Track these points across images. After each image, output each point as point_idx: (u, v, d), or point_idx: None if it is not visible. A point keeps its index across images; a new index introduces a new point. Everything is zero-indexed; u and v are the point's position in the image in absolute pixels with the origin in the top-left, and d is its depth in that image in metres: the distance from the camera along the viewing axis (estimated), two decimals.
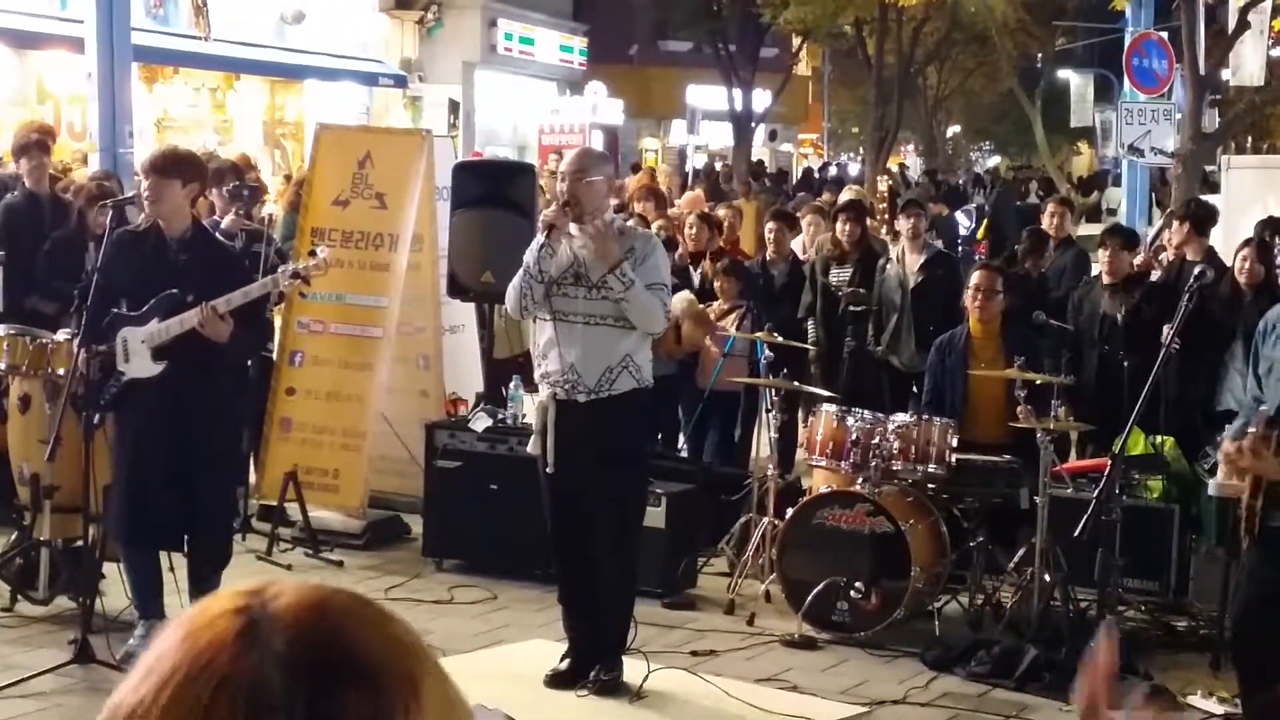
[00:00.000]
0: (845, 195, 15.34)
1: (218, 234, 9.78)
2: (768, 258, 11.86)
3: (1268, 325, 6.33)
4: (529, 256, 7.17)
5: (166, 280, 7.30)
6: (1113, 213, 26.46)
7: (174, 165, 7.41)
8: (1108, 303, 9.87)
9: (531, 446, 7.34)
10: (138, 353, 7.28)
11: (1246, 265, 9.73)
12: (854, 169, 42.87)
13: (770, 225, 12.06)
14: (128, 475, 7.36)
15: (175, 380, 7.26)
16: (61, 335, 8.27)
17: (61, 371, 7.83)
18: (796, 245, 12.75)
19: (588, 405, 7.09)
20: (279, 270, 7.80)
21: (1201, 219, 10.78)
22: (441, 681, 1.22)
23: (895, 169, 37.60)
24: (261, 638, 1.16)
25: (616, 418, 7.11)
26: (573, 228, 7.16)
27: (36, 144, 11.44)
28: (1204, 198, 13.49)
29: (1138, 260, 10.51)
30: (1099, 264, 10.34)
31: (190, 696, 1.14)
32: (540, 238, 7.19)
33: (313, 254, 7.77)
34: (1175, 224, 10.89)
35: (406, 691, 1.18)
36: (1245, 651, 6.50)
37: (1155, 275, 11.39)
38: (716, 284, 10.87)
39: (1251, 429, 5.99)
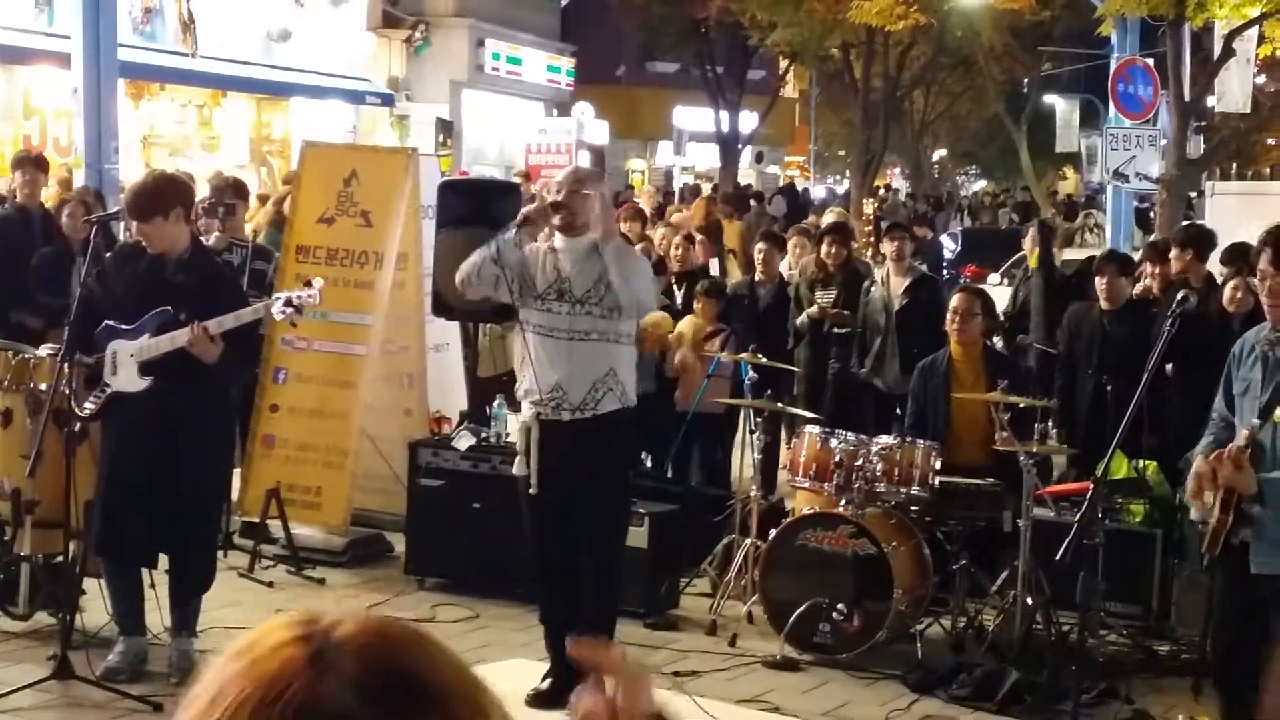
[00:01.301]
0: (829, 218, 15.36)
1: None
2: (756, 279, 11.88)
3: (1244, 348, 6.34)
4: (494, 240, 7.16)
5: (160, 297, 7.27)
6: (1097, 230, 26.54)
7: (152, 204, 7.29)
8: (1113, 329, 9.85)
9: (517, 468, 7.32)
10: (125, 366, 7.26)
11: (1238, 295, 9.72)
12: (820, 191, 42.96)
13: (760, 246, 12.09)
14: (106, 489, 7.33)
15: (161, 398, 7.23)
16: (44, 350, 8.25)
17: (44, 386, 7.80)
18: (782, 267, 12.78)
19: (572, 425, 7.08)
20: (274, 298, 7.77)
21: (1204, 245, 10.78)
22: (503, 711, 1.23)
23: (885, 191, 37.64)
24: (332, 664, 1.17)
25: (601, 438, 7.11)
26: (558, 241, 7.17)
27: (33, 160, 11.46)
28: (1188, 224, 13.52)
29: (1137, 289, 10.46)
30: (1099, 290, 10.31)
31: None
32: (512, 225, 7.17)
33: (308, 284, 7.72)
34: (1176, 250, 10.83)
35: (476, 715, 1.19)
36: (1224, 669, 6.50)
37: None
38: (697, 305, 10.88)
39: (1239, 440, 6.00)
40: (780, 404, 9.64)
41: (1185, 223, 12.07)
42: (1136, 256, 12.10)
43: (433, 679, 1.19)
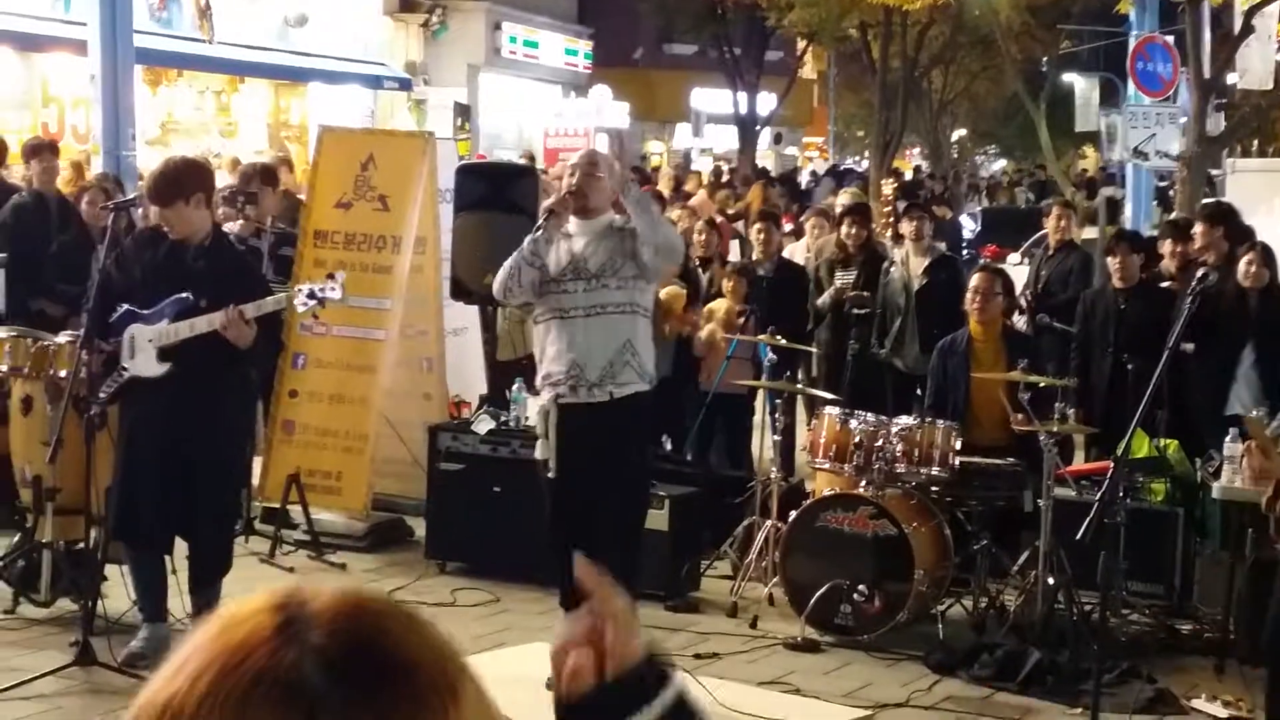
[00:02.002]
0: (844, 198, 15.29)
1: (233, 238, 9.81)
2: (754, 257, 11.85)
3: None
4: (527, 241, 7.18)
5: (180, 282, 7.27)
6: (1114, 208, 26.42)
7: (173, 189, 7.28)
8: (1129, 307, 9.83)
9: (538, 451, 7.32)
10: (143, 350, 7.26)
11: (1252, 270, 9.66)
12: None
13: (757, 225, 12.05)
14: (123, 474, 7.35)
15: (180, 384, 7.23)
16: (63, 338, 8.27)
17: (63, 374, 7.82)
18: (800, 249, 12.75)
19: (590, 408, 7.07)
20: (297, 289, 7.76)
21: (1231, 222, 10.69)
22: (478, 687, 1.21)
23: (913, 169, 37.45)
24: (300, 634, 1.15)
25: (620, 421, 7.10)
26: (572, 224, 7.17)
27: (49, 146, 11.48)
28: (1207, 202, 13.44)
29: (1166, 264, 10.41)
30: (1111, 270, 10.26)
31: (225, 689, 1.13)
32: (539, 224, 7.20)
33: (331, 276, 7.71)
34: (1204, 225, 10.73)
35: (446, 692, 1.17)
36: (1274, 652, 6.44)
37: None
38: (726, 285, 10.85)
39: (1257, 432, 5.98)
40: (799, 385, 9.62)
41: (1209, 199, 11.96)
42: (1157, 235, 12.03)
43: (401, 653, 1.16)
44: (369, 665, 1.14)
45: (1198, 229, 10.70)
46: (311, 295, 7.56)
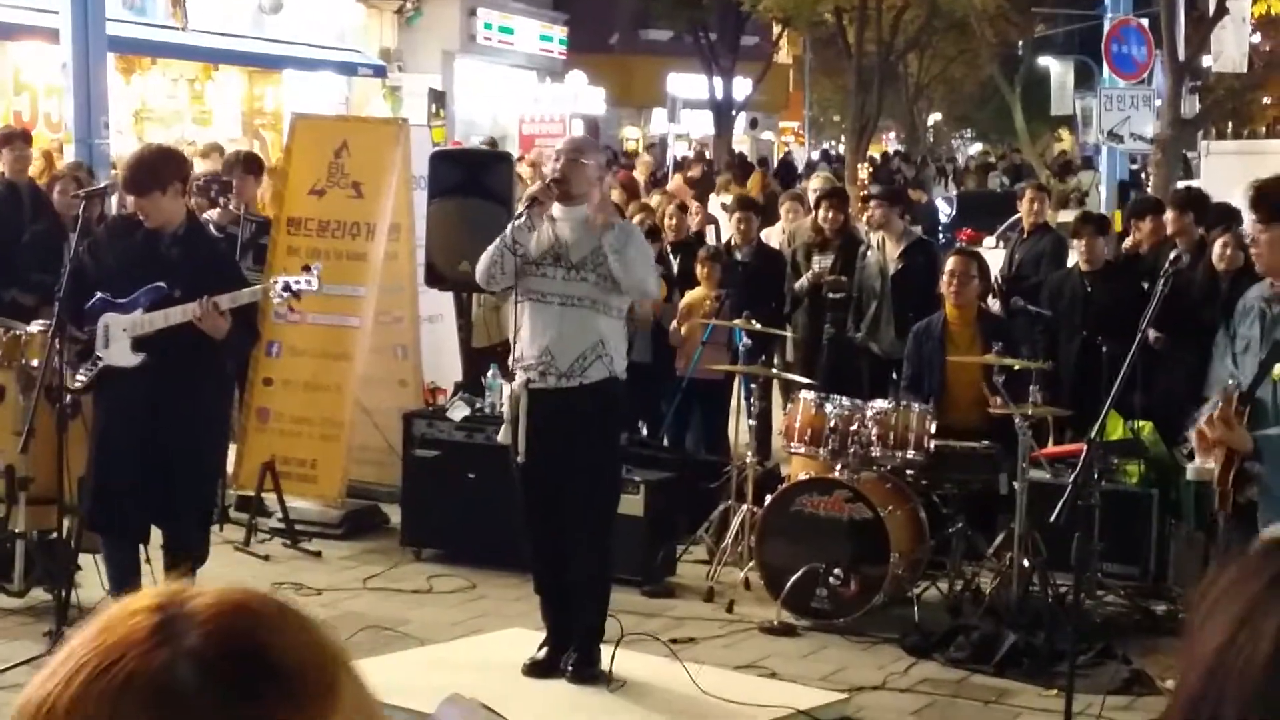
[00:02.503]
0: (816, 181, 15.26)
1: (211, 227, 9.80)
2: (733, 243, 11.84)
3: (1245, 305, 6.35)
4: (507, 228, 7.16)
5: (155, 272, 7.23)
6: (1085, 195, 26.49)
7: (149, 178, 7.25)
8: (1095, 289, 9.89)
9: (502, 435, 7.32)
10: (118, 340, 7.22)
11: (1227, 252, 9.69)
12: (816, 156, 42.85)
13: (737, 214, 12.04)
14: (97, 464, 7.32)
15: (155, 374, 7.19)
16: (35, 327, 8.23)
17: (35, 363, 7.79)
18: (775, 232, 12.74)
19: (559, 393, 7.05)
20: (273, 281, 7.73)
21: (1202, 208, 10.77)
22: (359, 688, 1.20)
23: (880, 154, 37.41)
24: (175, 635, 1.14)
25: (589, 406, 7.08)
26: (556, 209, 7.15)
27: (21, 135, 11.43)
28: (1181, 184, 13.49)
29: (1127, 243, 10.50)
30: (1077, 252, 10.34)
31: (96, 691, 1.12)
32: (521, 210, 7.17)
33: (307, 269, 7.69)
34: (1173, 212, 10.82)
35: (324, 694, 1.16)
36: None
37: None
38: (701, 271, 10.83)
39: (1226, 398, 6.00)
40: (775, 369, 9.62)
41: (1182, 184, 11.95)
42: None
43: (280, 653, 1.15)
44: (244, 667, 1.13)
45: (1169, 215, 10.75)
46: (287, 288, 7.54)
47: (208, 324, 7.08)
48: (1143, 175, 23.10)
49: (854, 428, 8.50)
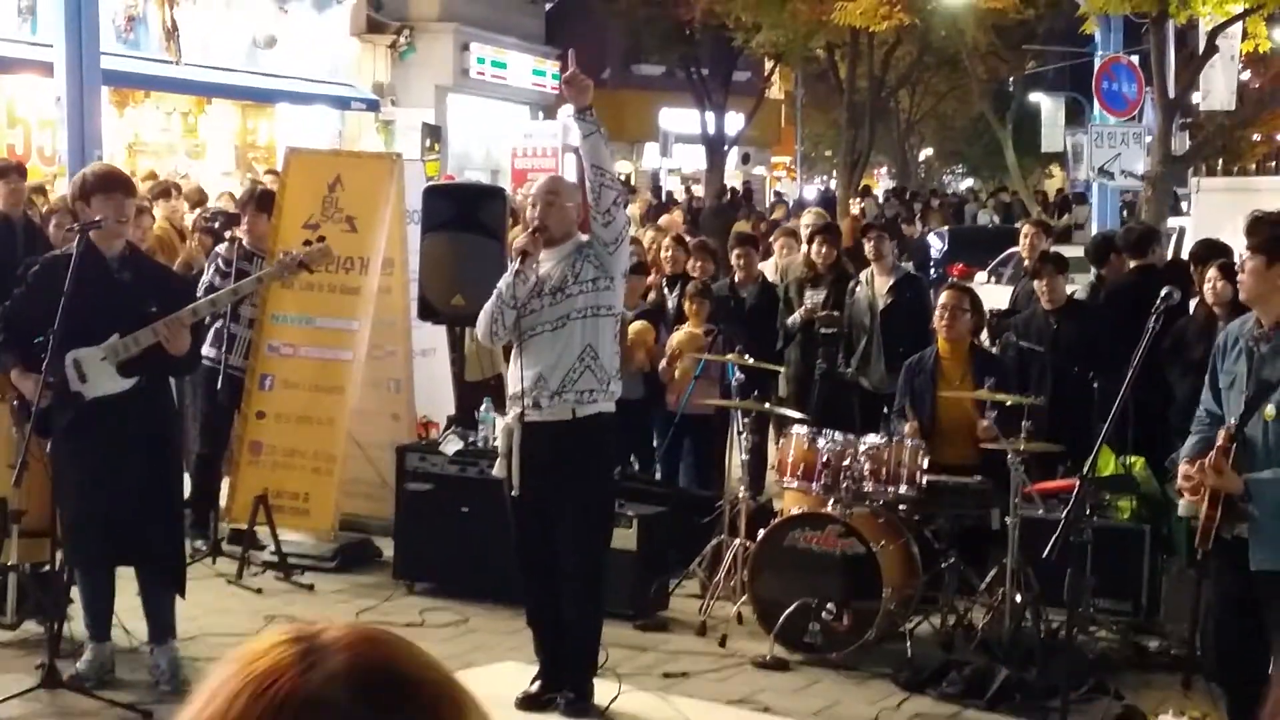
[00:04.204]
0: (808, 218, 15.29)
1: (219, 260, 9.88)
2: (736, 280, 11.87)
3: (1228, 340, 6.36)
4: (503, 283, 7.16)
5: (114, 298, 7.21)
6: (1080, 228, 26.55)
7: (125, 182, 7.45)
8: (1061, 327, 10.03)
9: (497, 469, 7.33)
10: (97, 370, 7.18)
11: (1217, 287, 9.71)
12: (810, 193, 42.90)
13: (737, 250, 12.06)
14: (64, 498, 7.28)
15: (117, 403, 7.19)
16: None
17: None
18: (768, 268, 12.78)
19: (553, 427, 7.05)
20: (281, 255, 7.78)
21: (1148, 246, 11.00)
22: (482, 711, 1.33)
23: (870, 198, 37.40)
24: (320, 660, 1.25)
25: (582, 442, 7.09)
26: (541, 254, 7.17)
27: (15, 168, 11.43)
28: (1173, 220, 13.54)
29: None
30: (1039, 292, 10.46)
31: (259, 709, 1.22)
32: (514, 266, 7.16)
33: (308, 244, 7.76)
34: (1197, 269, 10.93)
35: (455, 705, 1.28)
36: (1225, 667, 6.50)
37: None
38: (688, 306, 10.85)
39: (1219, 442, 6.01)
40: (768, 404, 9.64)
41: (1201, 240, 11.81)
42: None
43: (417, 675, 1.28)
44: (386, 685, 1.25)
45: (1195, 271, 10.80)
46: (300, 264, 7.65)
47: (175, 342, 7.12)
48: (1132, 211, 23.15)
49: (846, 462, 8.51)
